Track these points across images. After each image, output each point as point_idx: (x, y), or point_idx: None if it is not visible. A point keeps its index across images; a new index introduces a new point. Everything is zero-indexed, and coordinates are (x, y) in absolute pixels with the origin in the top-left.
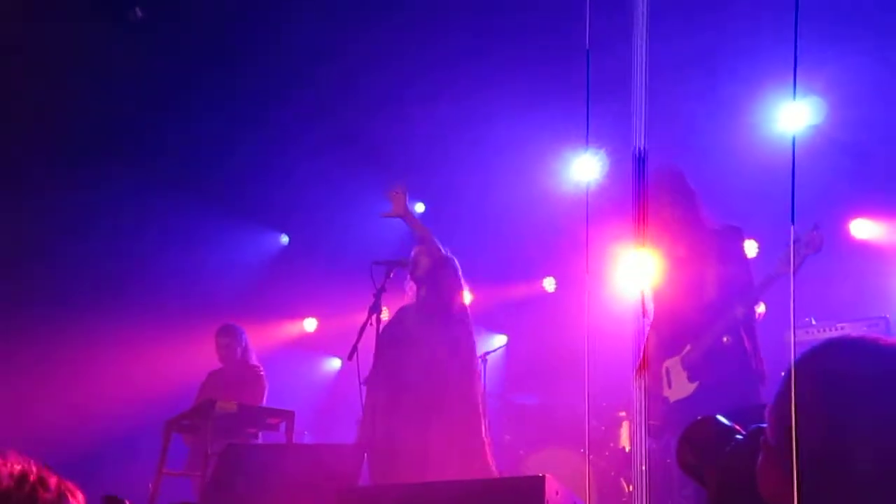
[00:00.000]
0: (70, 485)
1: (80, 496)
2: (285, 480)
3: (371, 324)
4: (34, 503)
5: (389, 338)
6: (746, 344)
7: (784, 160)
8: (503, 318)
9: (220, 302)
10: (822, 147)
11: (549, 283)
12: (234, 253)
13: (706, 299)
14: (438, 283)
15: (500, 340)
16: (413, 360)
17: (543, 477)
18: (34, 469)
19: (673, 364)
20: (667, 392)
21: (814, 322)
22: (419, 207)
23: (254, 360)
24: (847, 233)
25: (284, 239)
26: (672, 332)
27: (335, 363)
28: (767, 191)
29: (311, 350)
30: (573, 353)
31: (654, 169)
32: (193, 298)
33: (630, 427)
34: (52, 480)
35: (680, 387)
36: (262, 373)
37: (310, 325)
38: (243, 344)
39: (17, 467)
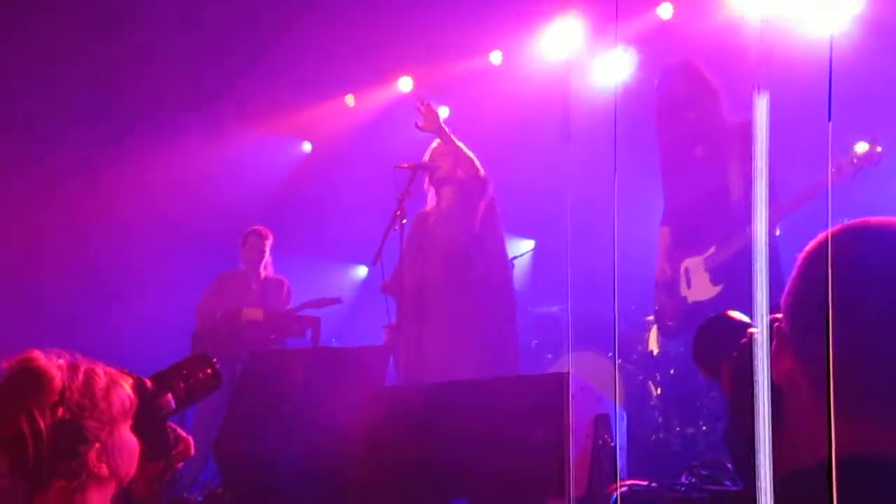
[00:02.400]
0: (117, 371)
1: (130, 380)
2: (311, 385)
3: (395, 229)
4: (90, 390)
5: (411, 243)
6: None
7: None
8: (530, 222)
9: (240, 212)
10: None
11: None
12: (254, 163)
13: (733, 200)
14: (461, 184)
15: (527, 245)
16: (437, 265)
17: (567, 373)
18: (80, 358)
19: (694, 264)
20: (685, 292)
21: None
22: (443, 112)
23: (273, 273)
24: None
25: (307, 147)
26: (694, 230)
27: (361, 271)
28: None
29: (336, 258)
30: (602, 257)
31: (672, 65)
32: (209, 210)
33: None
34: (100, 367)
35: (701, 288)
36: (286, 281)
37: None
38: (268, 251)
39: (62, 360)
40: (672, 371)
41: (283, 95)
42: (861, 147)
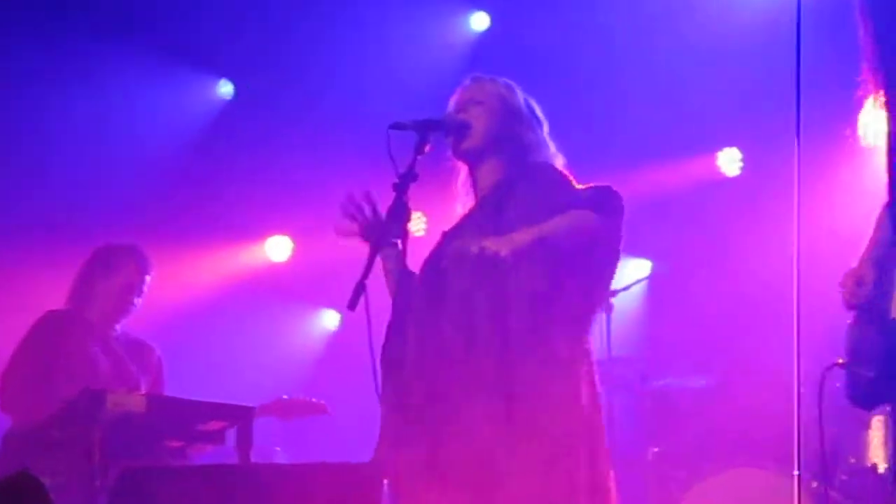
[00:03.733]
0: None
1: None
2: None
3: (392, 243)
4: None
5: (428, 274)
6: None
7: None
8: (645, 229)
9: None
10: None
11: (728, 160)
12: (144, 109)
13: None
14: (519, 155)
15: (637, 270)
16: (470, 316)
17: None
18: None
19: None
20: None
21: None
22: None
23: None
24: None
25: (226, 88)
26: None
27: (327, 319)
28: None
29: (280, 296)
30: (770, 289)
31: None
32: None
33: (887, 426)
34: None
35: None
36: (155, 349)
37: (277, 248)
38: (142, 291)
39: None
40: None
41: None
42: None
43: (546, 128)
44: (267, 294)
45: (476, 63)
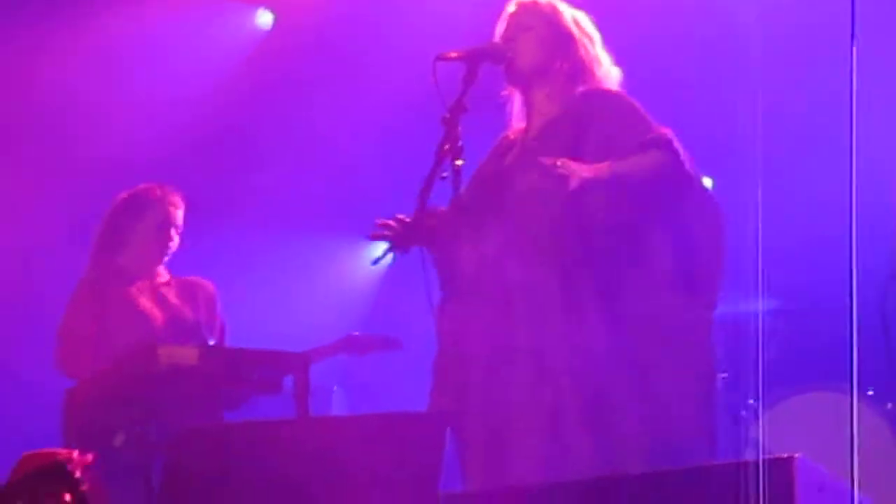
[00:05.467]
0: None
1: None
2: (307, 489)
3: (442, 176)
4: None
5: (477, 207)
6: None
7: None
8: (706, 148)
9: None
10: None
11: None
12: (170, 46)
13: None
14: (572, 69)
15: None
16: (536, 253)
17: (792, 458)
18: None
19: None
20: None
21: None
22: None
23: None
24: None
25: (266, 18)
26: None
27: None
28: None
29: (327, 229)
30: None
31: None
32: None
33: None
34: None
35: None
36: (209, 285)
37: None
38: (176, 234)
39: None
40: None
41: None
42: None
43: (599, 40)
44: (311, 225)
45: None
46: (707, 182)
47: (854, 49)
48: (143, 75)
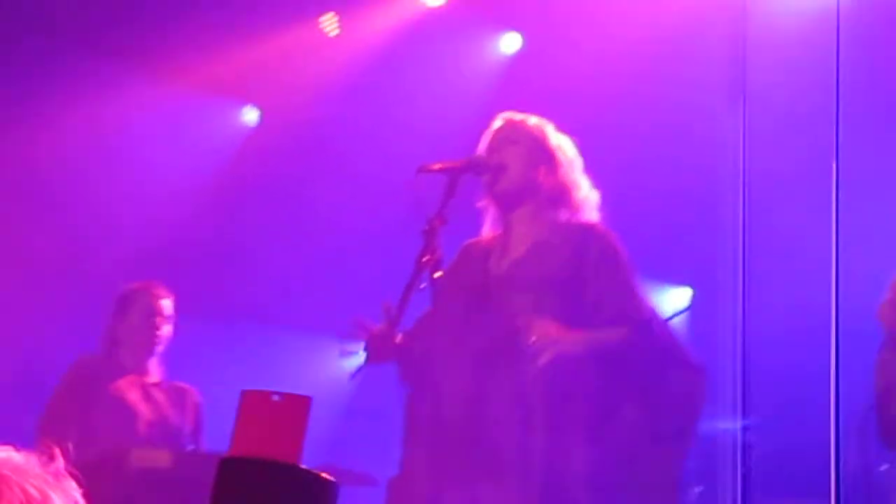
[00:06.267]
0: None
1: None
2: None
3: (420, 287)
4: None
5: (450, 308)
6: None
7: None
8: (682, 259)
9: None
10: None
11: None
12: (159, 145)
13: None
14: (547, 197)
15: (678, 298)
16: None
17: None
18: None
19: None
20: None
21: None
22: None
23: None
24: None
25: (252, 116)
26: None
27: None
28: None
29: (308, 332)
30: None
31: None
32: None
33: None
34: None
35: None
36: (191, 390)
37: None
38: (166, 328)
39: None
40: None
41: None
42: None
43: (580, 165)
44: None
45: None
46: (686, 295)
47: (835, 166)
48: (128, 170)
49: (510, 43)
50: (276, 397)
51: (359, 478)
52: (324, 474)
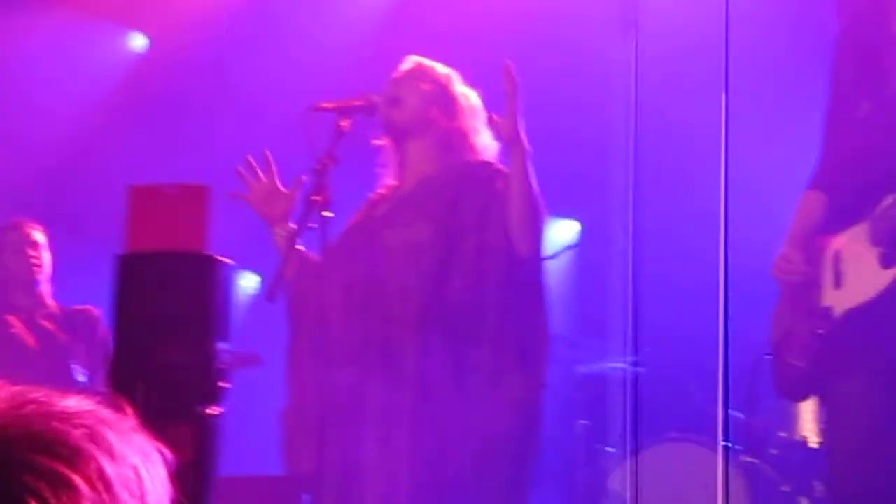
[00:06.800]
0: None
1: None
2: None
3: (310, 227)
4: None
5: (346, 259)
6: None
7: None
8: (573, 191)
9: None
10: None
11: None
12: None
13: None
14: (444, 137)
15: (566, 232)
16: (398, 306)
17: None
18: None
19: (851, 240)
20: (830, 297)
21: None
22: None
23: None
24: None
25: (139, 41)
26: (859, 182)
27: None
28: None
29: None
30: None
31: None
32: None
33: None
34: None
35: (861, 281)
36: (94, 311)
37: None
38: (45, 259)
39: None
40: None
41: None
42: None
43: (483, 117)
44: None
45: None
46: (575, 229)
47: (724, 99)
48: (11, 96)
49: None
50: (169, 189)
51: (243, 359)
52: (220, 257)
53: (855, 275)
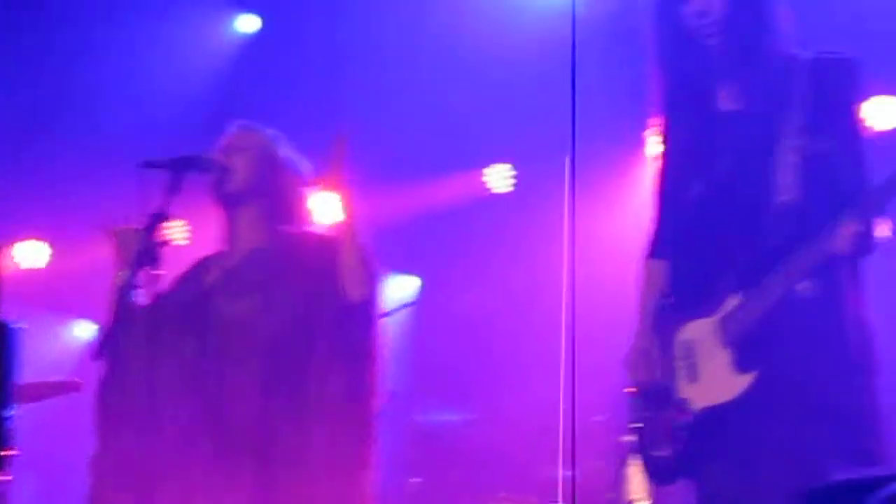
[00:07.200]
0: None
1: None
2: None
3: (135, 289)
4: None
5: (184, 313)
6: (849, 297)
7: None
8: (415, 247)
9: None
10: None
11: (498, 177)
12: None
13: (775, 204)
14: (279, 200)
15: (407, 288)
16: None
17: None
18: None
19: (701, 332)
20: (686, 390)
21: None
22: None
23: None
24: None
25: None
26: (700, 271)
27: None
28: None
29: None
30: (540, 316)
31: None
32: None
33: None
34: None
35: (716, 380)
36: None
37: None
38: None
39: None
40: None
41: None
42: None
43: (310, 178)
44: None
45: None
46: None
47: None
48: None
49: None
50: None
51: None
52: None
53: (710, 373)
